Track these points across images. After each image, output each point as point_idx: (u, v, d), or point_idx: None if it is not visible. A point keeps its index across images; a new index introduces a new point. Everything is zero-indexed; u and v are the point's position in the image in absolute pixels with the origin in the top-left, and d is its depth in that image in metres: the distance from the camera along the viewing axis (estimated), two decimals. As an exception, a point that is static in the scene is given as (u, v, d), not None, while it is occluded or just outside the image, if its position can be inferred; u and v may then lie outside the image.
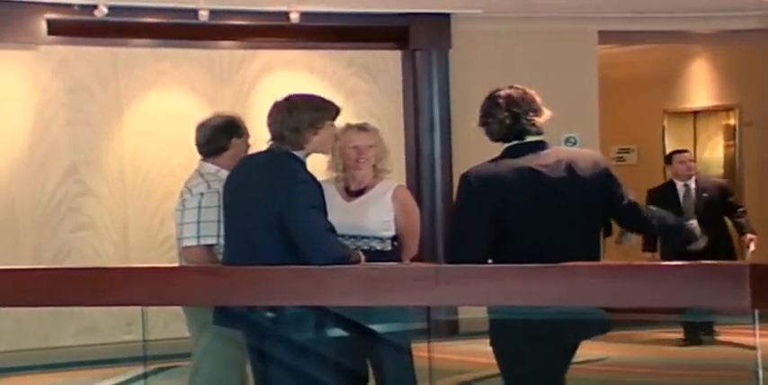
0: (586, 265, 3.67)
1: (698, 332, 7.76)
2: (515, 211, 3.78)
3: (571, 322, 3.76)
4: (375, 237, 4.41)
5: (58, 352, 7.63)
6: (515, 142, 3.86)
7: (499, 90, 3.92)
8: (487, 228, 3.76)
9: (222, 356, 4.53)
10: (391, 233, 4.37)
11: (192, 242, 4.41)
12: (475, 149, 9.13)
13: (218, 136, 4.60)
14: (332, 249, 3.83)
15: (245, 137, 4.64)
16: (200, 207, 4.39)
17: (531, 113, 3.86)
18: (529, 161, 3.82)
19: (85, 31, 7.94)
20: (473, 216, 3.78)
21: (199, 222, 4.39)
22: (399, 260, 4.38)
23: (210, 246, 4.41)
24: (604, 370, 6.66)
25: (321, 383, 3.98)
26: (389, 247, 4.47)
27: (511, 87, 3.93)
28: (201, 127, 4.68)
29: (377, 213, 4.15)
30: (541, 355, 3.80)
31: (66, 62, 7.97)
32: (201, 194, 4.42)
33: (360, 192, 4.46)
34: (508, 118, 3.83)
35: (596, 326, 3.93)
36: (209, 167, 4.58)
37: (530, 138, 3.87)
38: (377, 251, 4.40)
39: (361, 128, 4.61)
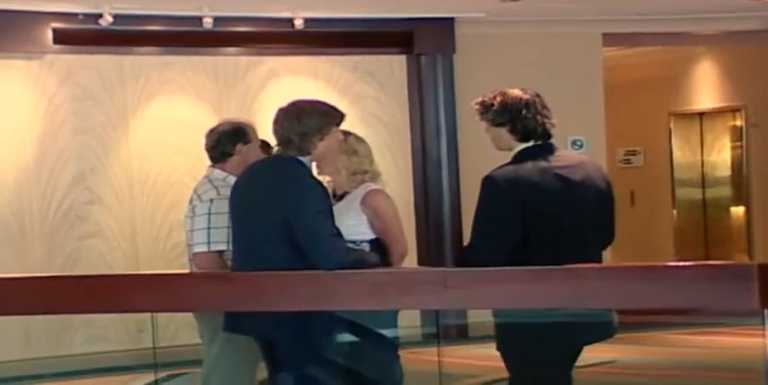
0: (593, 267, 3.67)
1: None
2: (541, 213, 3.79)
3: (576, 325, 3.76)
4: (349, 242, 4.41)
5: (67, 360, 7.64)
6: (532, 144, 3.88)
7: (512, 90, 3.92)
8: (513, 229, 3.77)
9: (233, 363, 4.54)
10: (365, 237, 4.36)
11: (203, 248, 4.43)
12: (481, 153, 9.13)
13: (224, 142, 4.63)
14: (339, 254, 3.83)
15: (252, 144, 4.65)
16: (209, 213, 4.41)
17: (549, 115, 3.90)
18: (548, 163, 3.84)
19: (91, 40, 7.96)
20: (500, 217, 3.78)
21: (209, 229, 4.40)
22: (382, 263, 4.35)
23: (221, 251, 4.42)
24: (614, 372, 6.65)
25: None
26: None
27: (522, 89, 3.93)
28: (210, 133, 4.71)
29: (347, 218, 4.15)
30: (547, 359, 3.79)
31: (73, 71, 7.99)
32: (211, 201, 4.44)
33: (341, 197, 4.47)
34: (533, 119, 3.85)
35: (602, 329, 3.93)
36: (218, 173, 4.60)
37: (542, 141, 3.89)
38: None
39: None
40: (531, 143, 3.88)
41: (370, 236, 4.43)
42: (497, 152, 4.04)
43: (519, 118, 3.85)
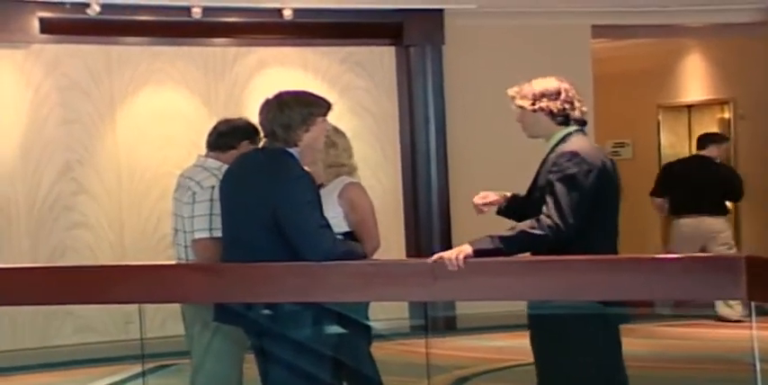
0: (582, 259, 3.67)
1: None
2: (611, 197, 3.91)
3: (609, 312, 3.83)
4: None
5: (55, 351, 7.62)
6: (574, 128, 3.98)
7: (548, 78, 4.01)
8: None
9: (223, 354, 4.53)
10: (339, 230, 4.36)
11: (205, 234, 4.43)
12: (470, 144, 9.14)
13: (235, 134, 4.63)
14: (327, 245, 3.82)
15: (256, 144, 4.65)
16: (212, 200, 4.41)
17: (582, 102, 4.04)
18: None
19: (78, 30, 7.91)
20: (590, 195, 3.78)
21: (211, 215, 4.41)
22: None
23: (220, 238, 4.42)
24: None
25: (318, 379, 3.98)
26: None
27: (557, 77, 4.03)
28: (223, 122, 4.74)
29: (324, 210, 4.13)
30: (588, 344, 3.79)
31: (60, 61, 7.95)
32: (213, 187, 4.44)
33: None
34: (572, 105, 3.97)
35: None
36: (212, 162, 4.60)
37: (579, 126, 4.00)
38: None
39: None
40: (572, 128, 3.95)
41: (345, 229, 4.44)
42: (486, 143, 4.06)
43: (556, 102, 3.93)
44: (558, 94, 3.93)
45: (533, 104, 3.93)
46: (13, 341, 7.61)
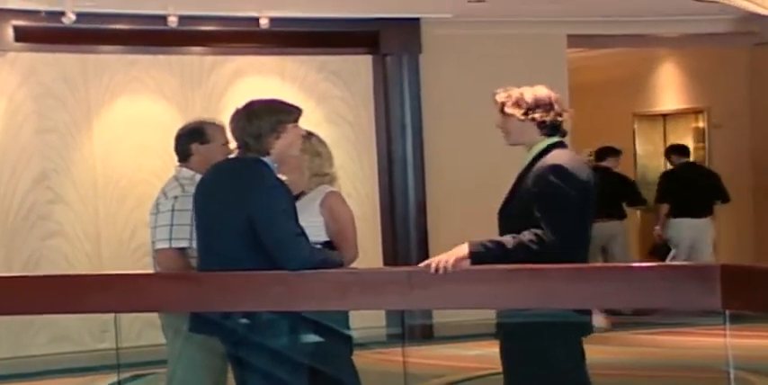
0: (557, 267, 3.68)
1: None
2: (590, 208, 3.87)
3: (574, 322, 3.80)
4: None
5: (30, 360, 7.57)
6: (557, 139, 3.95)
7: (538, 87, 3.98)
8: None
9: (195, 363, 4.50)
10: (319, 239, 4.36)
11: (165, 245, 4.39)
12: (447, 153, 9.16)
13: (182, 141, 4.62)
14: (303, 254, 3.82)
15: (212, 144, 4.61)
16: (173, 210, 4.38)
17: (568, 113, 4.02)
18: None
19: (53, 38, 7.88)
20: (576, 211, 3.77)
21: (172, 225, 4.37)
22: None
23: (183, 249, 4.39)
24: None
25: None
26: None
27: (546, 87, 4.00)
28: (179, 129, 4.71)
29: (303, 219, 4.12)
30: (552, 355, 3.79)
31: (35, 69, 7.91)
32: (176, 197, 4.41)
33: (296, 198, 4.46)
34: (559, 115, 3.94)
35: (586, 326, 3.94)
36: (186, 172, 4.58)
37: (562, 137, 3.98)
38: None
39: None
40: (556, 138, 3.94)
41: (324, 238, 4.43)
42: (462, 152, 4.07)
43: (549, 113, 3.90)
44: (551, 105, 3.90)
45: (525, 114, 3.89)
46: (-12, 351, 7.56)
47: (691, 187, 9.14)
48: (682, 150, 9.59)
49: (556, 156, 3.84)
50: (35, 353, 7.71)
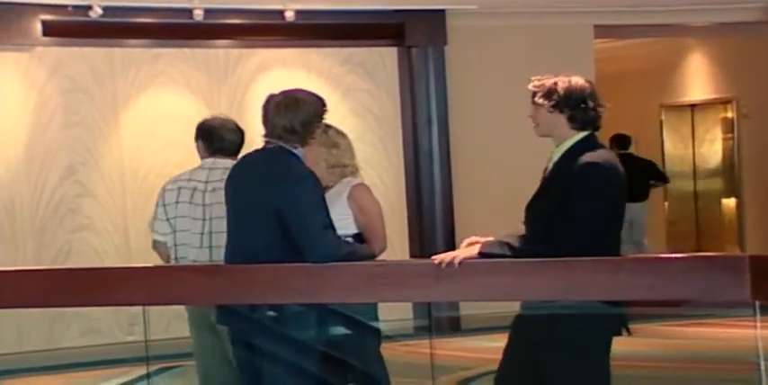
0: (586, 260, 3.65)
1: None
2: (621, 205, 3.80)
3: (607, 315, 3.76)
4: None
5: (60, 353, 7.63)
6: (589, 133, 3.77)
7: (575, 78, 3.81)
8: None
9: (221, 354, 4.53)
10: (348, 231, 4.35)
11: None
12: (472, 145, 9.14)
13: (196, 134, 4.86)
14: (330, 247, 3.80)
15: (210, 143, 4.77)
16: (157, 203, 4.88)
17: (603, 107, 3.84)
18: None
19: (81, 32, 7.93)
20: (612, 209, 3.72)
21: (155, 219, 4.86)
22: None
23: (155, 241, 4.75)
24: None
25: (322, 380, 3.97)
26: None
27: (583, 78, 3.83)
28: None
29: (333, 212, 4.10)
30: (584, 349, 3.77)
31: (62, 63, 7.96)
32: (163, 189, 4.84)
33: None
34: (594, 109, 3.76)
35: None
36: (213, 163, 4.74)
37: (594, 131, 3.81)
38: None
39: None
40: (587, 132, 3.76)
41: (354, 230, 4.43)
42: (489, 144, 4.03)
43: (583, 106, 3.74)
44: (586, 99, 3.73)
45: (555, 106, 3.73)
46: (19, 343, 7.62)
47: (630, 176, 9.15)
48: (623, 142, 10.17)
49: (596, 155, 3.68)
50: (65, 346, 7.77)
